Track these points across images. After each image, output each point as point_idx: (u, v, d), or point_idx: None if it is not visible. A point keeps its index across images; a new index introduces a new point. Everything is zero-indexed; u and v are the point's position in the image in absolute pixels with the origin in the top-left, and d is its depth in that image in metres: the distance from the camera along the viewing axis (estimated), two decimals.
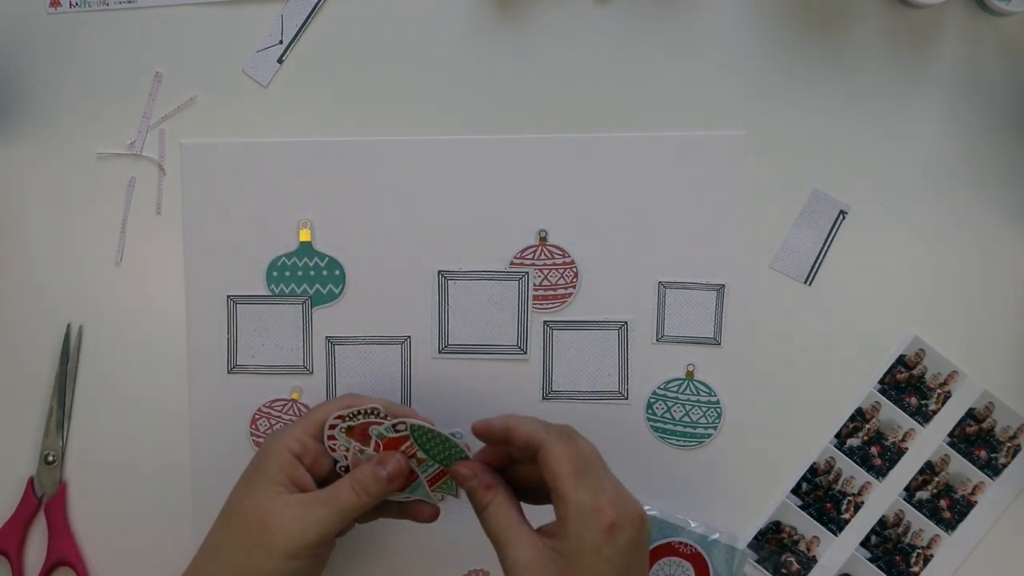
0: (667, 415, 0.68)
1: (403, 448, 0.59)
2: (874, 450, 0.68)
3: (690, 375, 0.68)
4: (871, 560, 0.68)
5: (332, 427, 0.59)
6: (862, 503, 0.68)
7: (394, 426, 0.58)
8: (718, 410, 0.68)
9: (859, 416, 0.68)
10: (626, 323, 0.68)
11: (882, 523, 0.68)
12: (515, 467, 0.59)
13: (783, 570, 0.68)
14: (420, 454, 0.59)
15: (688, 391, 0.68)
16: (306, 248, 0.68)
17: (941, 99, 0.68)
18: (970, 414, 0.68)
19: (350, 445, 0.59)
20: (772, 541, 0.68)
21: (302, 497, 0.57)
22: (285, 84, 0.69)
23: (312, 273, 0.68)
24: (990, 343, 0.68)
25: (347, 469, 0.60)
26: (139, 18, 0.69)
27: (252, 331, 0.68)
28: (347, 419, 0.59)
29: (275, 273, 0.68)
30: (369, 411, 0.59)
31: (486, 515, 0.57)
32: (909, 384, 0.68)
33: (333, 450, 0.59)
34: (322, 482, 0.59)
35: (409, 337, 0.68)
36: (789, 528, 0.68)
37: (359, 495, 0.57)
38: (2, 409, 0.69)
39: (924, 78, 0.68)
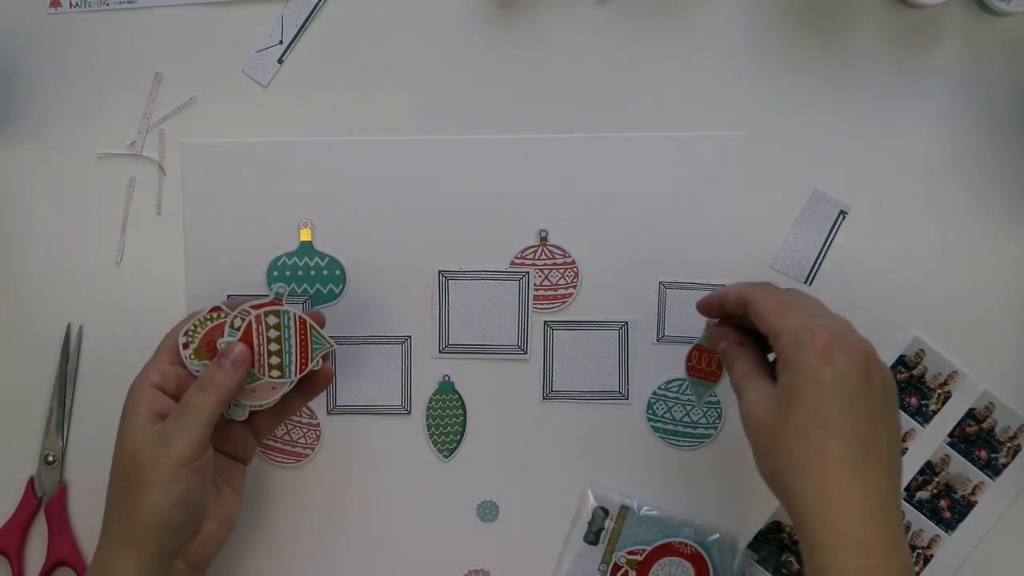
0: (668, 415, 0.68)
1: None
2: None
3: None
4: None
5: (185, 347, 0.59)
6: None
7: (232, 325, 0.59)
8: (719, 410, 0.68)
9: None
10: (627, 323, 0.68)
11: None
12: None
13: (783, 570, 0.68)
14: (271, 335, 0.59)
15: (689, 391, 0.68)
16: (306, 248, 0.68)
17: (941, 99, 0.68)
18: (970, 414, 0.68)
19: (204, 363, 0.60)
20: (772, 541, 0.68)
21: (164, 422, 0.57)
22: (285, 84, 0.69)
23: (312, 273, 0.68)
24: (990, 343, 0.68)
25: None
26: (139, 18, 0.69)
27: None
28: (193, 334, 0.59)
29: (275, 273, 0.68)
30: (208, 317, 0.59)
31: (734, 368, 0.58)
32: (909, 384, 0.68)
33: (197, 372, 0.60)
34: None
35: (409, 337, 0.68)
36: (789, 528, 0.68)
37: (208, 391, 0.57)
38: (2, 409, 0.69)
39: (924, 78, 0.68)
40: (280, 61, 0.69)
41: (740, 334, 0.59)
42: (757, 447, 0.55)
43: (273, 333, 0.60)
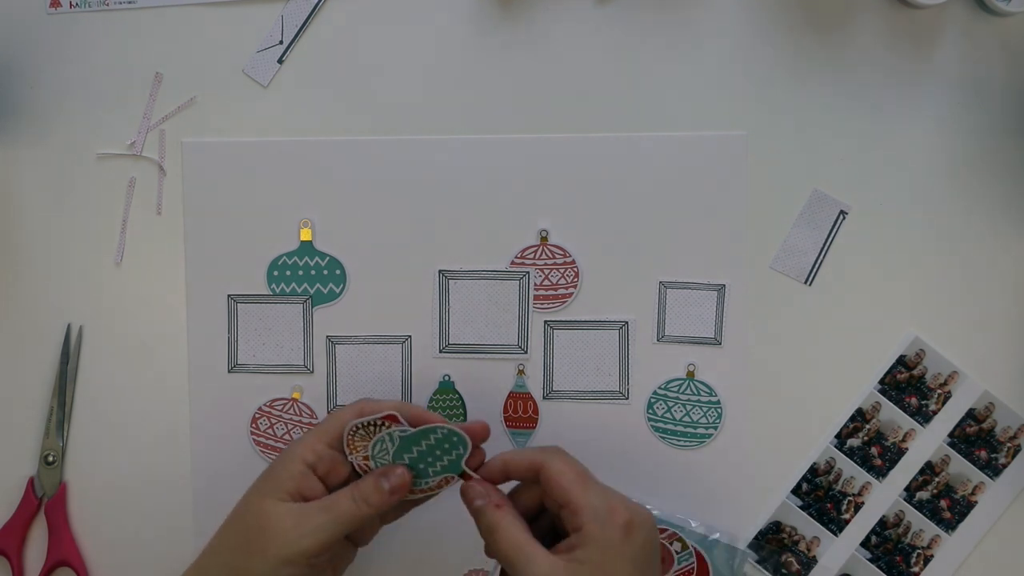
0: (668, 415, 0.68)
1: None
2: (874, 450, 0.68)
3: (691, 375, 0.68)
4: (871, 560, 0.68)
5: (352, 434, 0.58)
6: (862, 503, 0.68)
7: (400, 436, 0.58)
8: (718, 410, 0.68)
9: (859, 416, 0.68)
10: (627, 323, 0.68)
11: (882, 523, 0.68)
12: (514, 498, 0.59)
13: (783, 570, 0.68)
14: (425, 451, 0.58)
15: (689, 391, 0.68)
16: (307, 247, 0.68)
17: (941, 99, 0.68)
18: (970, 414, 0.68)
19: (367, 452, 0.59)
20: (772, 541, 0.68)
21: (304, 505, 0.56)
22: (285, 84, 0.69)
23: (313, 272, 0.68)
24: (990, 343, 0.68)
25: None
26: (139, 18, 0.69)
27: (253, 330, 0.68)
28: (363, 428, 0.58)
29: (276, 272, 0.68)
30: (382, 422, 0.58)
31: (498, 535, 0.56)
32: (909, 384, 0.69)
33: (353, 456, 0.58)
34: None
35: (410, 336, 0.68)
36: (789, 528, 0.68)
37: (359, 506, 0.57)
38: (2, 409, 0.69)
39: (924, 78, 0.68)
40: (280, 61, 0.69)
41: (499, 494, 0.58)
42: None
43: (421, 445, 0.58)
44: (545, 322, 0.68)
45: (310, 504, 0.57)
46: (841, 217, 0.68)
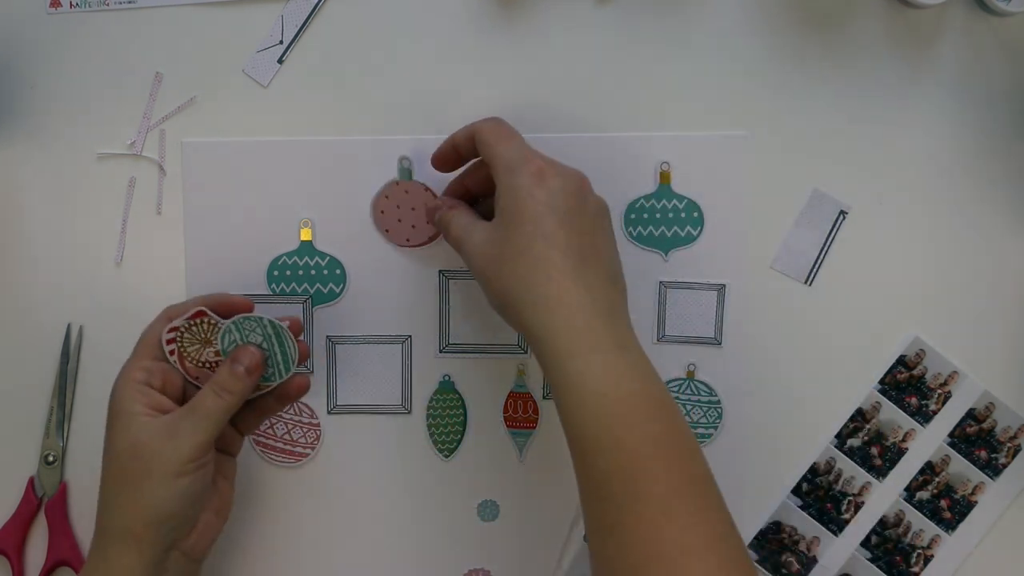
0: None
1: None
2: (874, 450, 0.68)
3: (691, 375, 0.68)
4: (871, 560, 0.68)
5: (170, 342, 0.60)
6: (862, 503, 0.68)
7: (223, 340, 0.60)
8: (718, 410, 0.68)
9: (859, 416, 0.68)
10: None
11: (882, 523, 0.68)
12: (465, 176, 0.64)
13: (783, 570, 0.68)
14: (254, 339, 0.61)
15: (689, 391, 0.68)
16: (307, 247, 0.68)
17: (941, 99, 0.68)
18: (970, 414, 0.68)
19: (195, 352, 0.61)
20: (772, 541, 0.68)
21: (167, 417, 0.57)
22: (285, 84, 0.69)
23: (313, 272, 0.68)
24: (990, 343, 0.68)
25: (198, 380, 0.61)
26: (139, 18, 0.69)
27: None
28: (181, 340, 0.60)
29: (276, 272, 0.68)
30: (192, 321, 0.60)
31: (451, 225, 0.60)
32: (909, 384, 0.69)
33: (180, 364, 0.61)
34: (180, 400, 0.60)
35: (410, 336, 0.68)
36: (789, 528, 0.68)
37: (222, 396, 0.58)
38: (2, 409, 0.69)
39: (924, 78, 0.68)
40: (280, 61, 0.69)
41: (453, 201, 0.63)
42: (486, 277, 0.57)
43: (257, 338, 0.61)
44: None
45: (174, 414, 0.57)
46: (841, 217, 0.68)
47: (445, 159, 0.63)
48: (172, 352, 0.60)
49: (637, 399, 0.53)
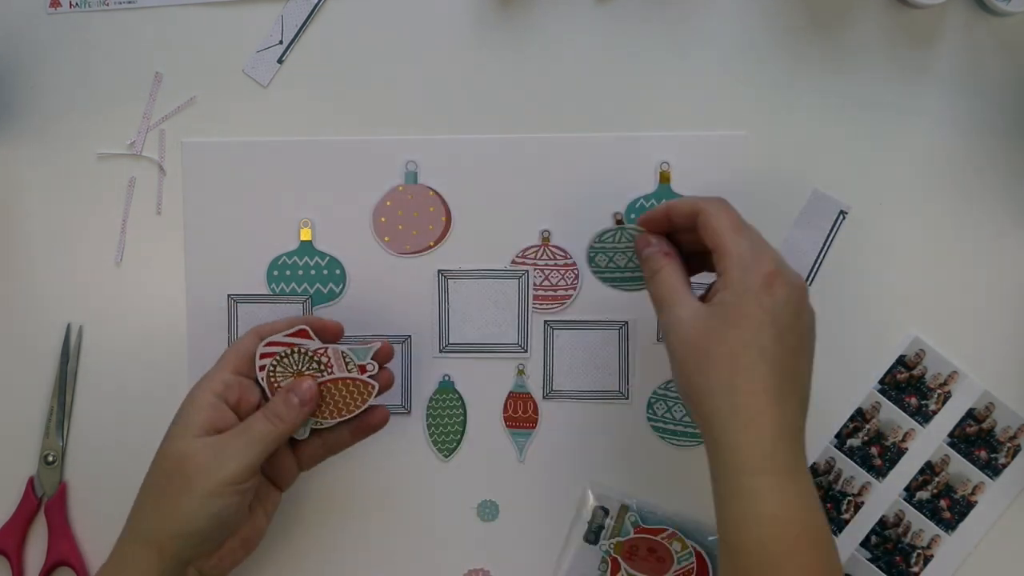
0: (668, 415, 0.68)
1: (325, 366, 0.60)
2: (874, 450, 0.68)
3: None
4: (871, 560, 0.68)
5: (264, 356, 0.60)
6: (862, 503, 0.68)
7: (318, 360, 0.60)
8: None
9: (859, 416, 0.68)
10: (627, 323, 0.68)
11: (882, 523, 0.68)
12: (677, 238, 0.60)
13: None
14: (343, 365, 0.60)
15: None
16: (307, 247, 0.68)
17: (941, 99, 0.68)
18: (970, 414, 0.68)
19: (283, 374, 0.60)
20: None
21: (219, 436, 0.57)
22: (285, 84, 0.69)
23: (313, 272, 0.68)
24: (990, 343, 0.68)
25: None
26: (139, 18, 0.69)
27: None
28: (279, 356, 0.59)
29: (276, 272, 0.68)
30: (292, 349, 0.60)
31: (657, 279, 0.57)
32: (909, 384, 0.68)
33: (271, 382, 0.60)
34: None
35: (410, 336, 0.68)
36: None
37: (273, 423, 0.58)
38: (2, 409, 0.69)
39: (924, 78, 0.68)
40: (280, 61, 0.69)
41: (668, 244, 0.59)
42: (685, 364, 0.54)
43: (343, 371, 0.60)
44: (545, 322, 0.68)
45: (226, 433, 0.57)
46: (841, 217, 0.68)
47: (656, 224, 0.60)
48: (263, 368, 0.60)
49: (801, 527, 0.52)
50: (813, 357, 0.56)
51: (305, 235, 0.68)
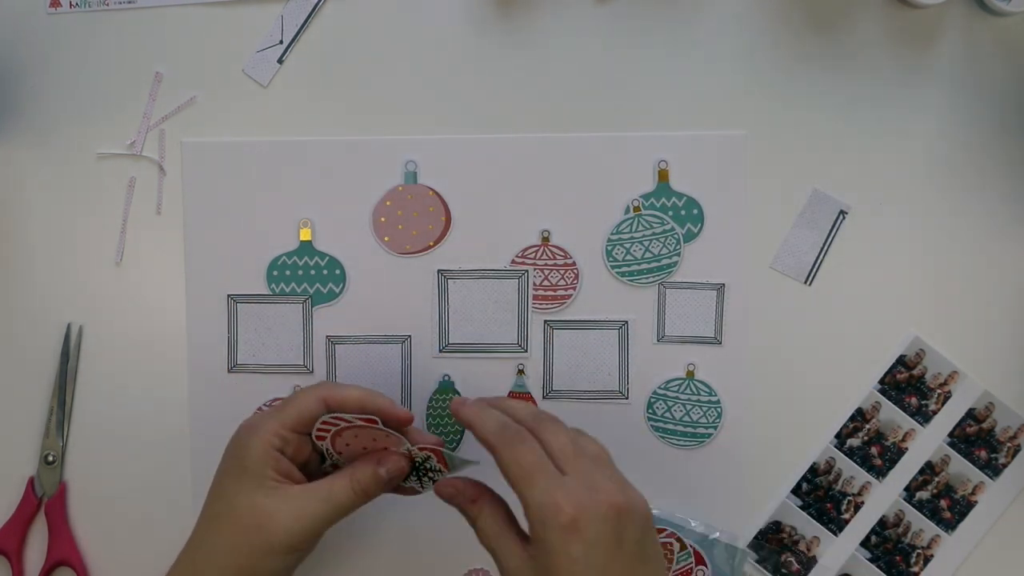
0: (667, 415, 0.68)
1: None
2: (874, 450, 0.68)
3: (690, 375, 0.68)
4: (871, 560, 0.68)
5: (326, 423, 0.58)
6: (862, 503, 0.68)
7: (412, 456, 0.59)
8: (718, 410, 0.68)
9: (859, 416, 0.68)
10: (626, 323, 0.68)
11: (882, 523, 0.68)
12: None
13: (783, 570, 0.68)
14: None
15: (688, 391, 0.68)
16: (306, 247, 0.68)
17: (941, 99, 0.68)
18: (970, 414, 0.68)
19: (342, 449, 0.59)
20: (772, 541, 0.68)
21: (297, 492, 0.56)
22: (285, 84, 0.69)
23: (312, 272, 0.68)
24: (990, 343, 0.68)
25: (334, 464, 0.60)
26: (139, 18, 0.69)
27: (253, 330, 0.68)
28: (341, 424, 0.58)
29: (275, 272, 0.68)
30: (361, 429, 0.58)
31: (477, 528, 0.56)
32: (909, 384, 0.68)
33: (322, 441, 0.59)
34: (304, 468, 0.59)
35: (409, 336, 0.68)
36: (789, 528, 0.68)
37: (357, 494, 0.57)
38: (2, 409, 0.69)
39: (924, 78, 0.68)
40: (280, 61, 0.69)
41: (475, 488, 0.57)
42: None
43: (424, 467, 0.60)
44: (545, 321, 0.68)
45: (305, 491, 0.56)
46: (841, 217, 0.68)
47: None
48: (321, 437, 0.58)
49: None
50: (658, 550, 0.54)
51: (305, 235, 0.68)
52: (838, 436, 0.68)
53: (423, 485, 0.60)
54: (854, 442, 0.68)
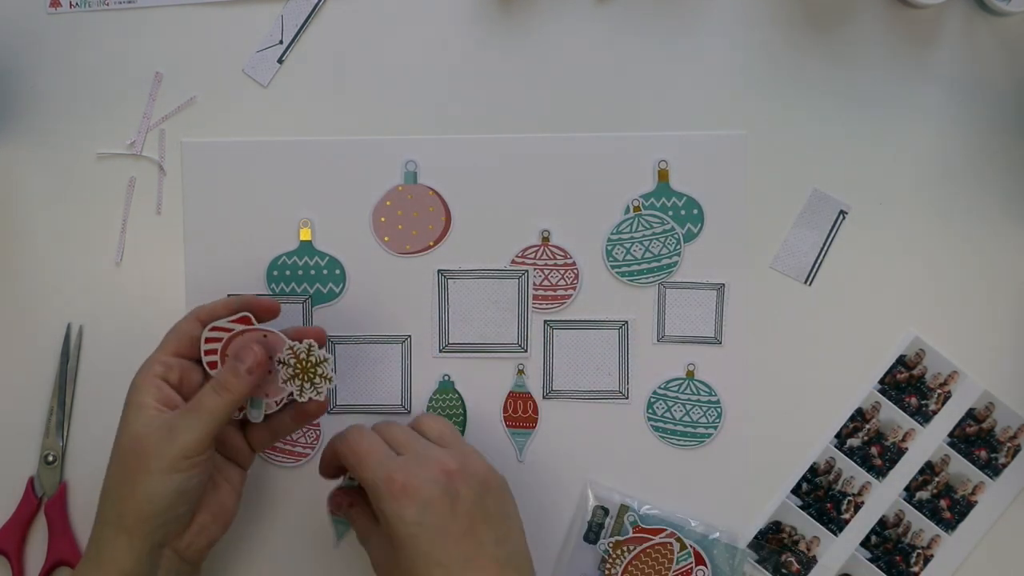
0: (667, 415, 0.68)
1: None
2: (874, 450, 0.68)
3: (690, 375, 0.68)
4: (871, 560, 0.68)
5: (210, 341, 0.60)
6: (862, 503, 0.68)
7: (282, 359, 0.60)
8: (718, 410, 0.68)
9: (859, 416, 0.68)
10: (627, 323, 0.68)
11: (882, 523, 0.68)
12: None
13: (783, 570, 0.68)
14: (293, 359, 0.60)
15: (688, 391, 0.68)
16: (306, 247, 0.68)
17: (941, 99, 0.68)
18: (970, 414, 0.68)
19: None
20: (772, 541, 0.68)
21: (172, 414, 0.58)
22: (285, 84, 0.69)
23: (312, 272, 0.68)
24: (990, 343, 0.68)
25: None
26: (139, 18, 0.69)
27: None
28: (226, 341, 0.60)
29: (275, 272, 0.68)
30: (243, 329, 0.60)
31: (356, 530, 0.62)
32: (909, 384, 0.68)
33: (212, 366, 0.60)
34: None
35: (409, 336, 0.68)
36: (789, 528, 0.68)
37: (221, 395, 0.58)
38: (2, 409, 0.69)
39: (924, 78, 0.68)
40: (280, 61, 0.69)
41: (352, 495, 0.63)
42: None
43: (293, 359, 0.60)
44: (545, 321, 0.68)
45: (175, 411, 0.58)
46: (841, 217, 0.68)
47: (329, 471, 0.63)
48: (209, 352, 0.60)
49: None
50: (506, 507, 0.59)
51: (305, 235, 0.68)
52: (838, 436, 0.68)
53: (318, 391, 0.60)
54: (854, 442, 0.68)
